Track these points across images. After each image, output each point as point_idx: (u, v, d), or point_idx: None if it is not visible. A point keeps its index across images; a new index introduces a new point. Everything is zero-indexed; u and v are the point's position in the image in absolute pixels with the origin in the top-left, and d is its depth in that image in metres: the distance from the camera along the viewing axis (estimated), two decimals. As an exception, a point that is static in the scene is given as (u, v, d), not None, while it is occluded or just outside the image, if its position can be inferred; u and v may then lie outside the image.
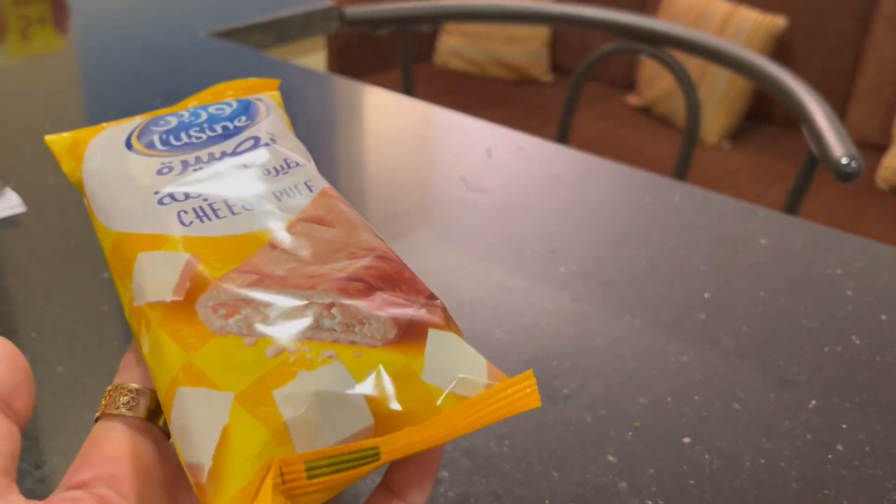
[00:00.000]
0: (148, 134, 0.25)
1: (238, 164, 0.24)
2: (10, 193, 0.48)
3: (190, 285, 0.21)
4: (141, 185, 0.24)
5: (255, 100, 0.28)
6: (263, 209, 0.23)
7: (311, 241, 0.22)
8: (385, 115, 0.63)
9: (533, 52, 2.33)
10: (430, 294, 0.22)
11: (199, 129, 0.26)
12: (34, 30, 0.85)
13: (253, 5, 0.88)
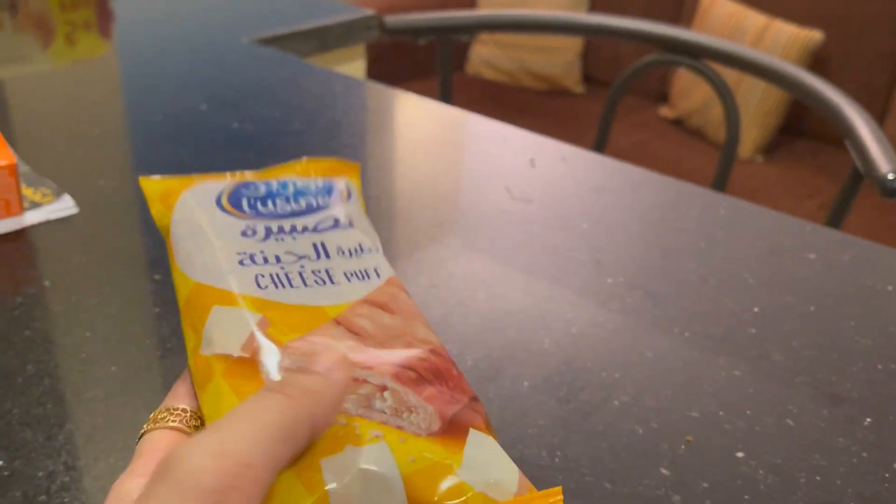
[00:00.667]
0: (238, 196, 0.27)
1: (317, 240, 0.26)
2: (65, 196, 0.49)
3: (258, 345, 0.22)
4: (225, 243, 0.25)
5: (339, 181, 0.29)
6: (334, 287, 0.25)
7: (372, 323, 0.24)
8: (427, 123, 0.63)
9: (565, 63, 2.32)
10: (474, 396, 0.23)
11: (285, 200, 0.28)
12: (79, 35, 0.86)
13: (295, 13, 0.88)
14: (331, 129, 0.61)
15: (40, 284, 0.42)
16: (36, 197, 0.48)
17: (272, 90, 0.67)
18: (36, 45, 0.81)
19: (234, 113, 0.63)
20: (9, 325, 0.39)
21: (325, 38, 0.87)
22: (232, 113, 0.63)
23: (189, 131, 0.59)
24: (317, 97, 0.66)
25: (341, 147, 0.58)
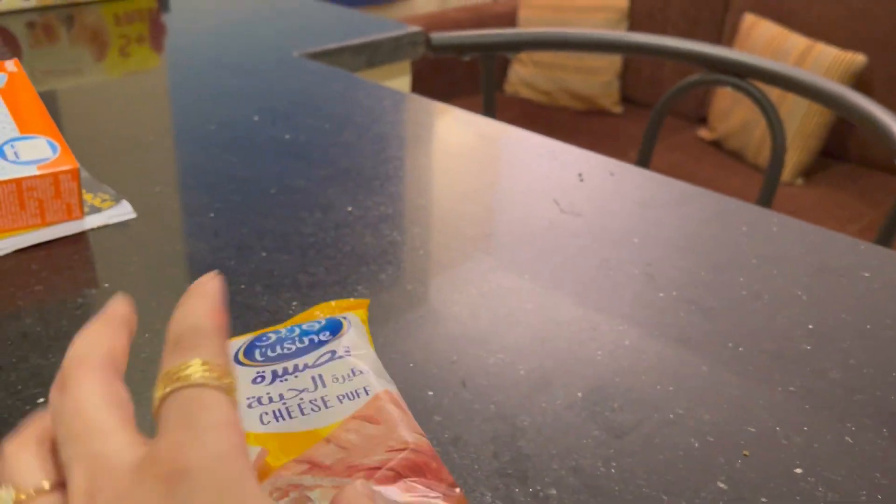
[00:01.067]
0: (251, 349, 0.33)
1: (315, 374, 0.31)
2: (124, 202, 0.50)
3: (256, 472, 0.26)
4: (241, 388, 0.30)
5: (342, 318, 0.35)
6: (328, 410, 0.29)
7: (358, 435, 0.28)
8: (473, 137, 0.63)
9: (603, 83, 2.32)
10: (452, 482, 0.27)
11: (291, 342, 0.33)
12: (132, 48, 0.88)
13: (344, 29, 0.89)
14: (379, 142, 0.61)
15: (100, 286, 0.43)
16: (95, 202, 0.49)
17: (323, 102, 0.68)
18: (91, 58, 0.83)
19: (286, 124, 0.63)
20: (70, 324, 0.39)
21: (374, 53, 0.88)
22: (283, 124, 0.63)
23: (242, 141, 0.60)
24: (366, 110, 0.67)
25: (389, 159, 0.58)
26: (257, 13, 0.95)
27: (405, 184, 0.55)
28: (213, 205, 0.51)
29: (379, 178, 0.56)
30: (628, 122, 2.34)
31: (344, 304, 0.37)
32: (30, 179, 0.45)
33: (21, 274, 0.43)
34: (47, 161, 0.46)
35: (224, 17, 0.93)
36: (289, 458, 0.27)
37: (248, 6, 0.98)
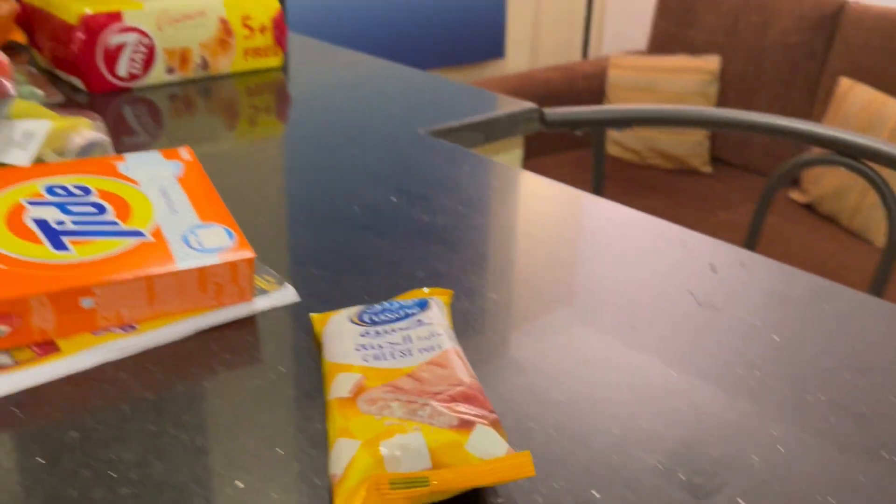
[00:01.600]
0: (361, 314, 0.46)
1: (406, 334, 0.44)
2: (288, 285, 0.53)
3: (357, 390, 0.39)
4: (350, 340, 0.44)
5: (429, 299, 0.47)
6: (411, 357, 0.42)
7: (430, 374, 0.40)
8: (605, 224, 0.65)
9: (693, 143, 2.32)
10: (491, 409, 0.38)
11: (390, 312, 0.46)
12: (260, 117, 0.93)
13: (462, 106, 0.93)
14: (511, 225, 0.64)
15: (276, 369, 0.46)
16: (262, 284, 0.53)
17: (454, 183, 0.71)
18: (223, 126, 0.88)
19: (423, 206, 0.67)
20: (255, 408, 0.43)
21: (491, 130, 0.91)
22: (421, 206, 0.67)
23: (386, 223, 0.63)
24: (496, 192, 0.70)
25: (524, 245, 0.61)
26: (376, 87, 0.99)
27: (542, 273, 0.57)
28: (367, 288, 0.54)
29: (516, 265, 0.58)
30: (718, 183, 2.32)
31: (433, 291, 0.50)
32: (212, 267, 0.48)
33: (203, 355, 0.47)
34: (226, 249, 0.49)
35: (346, 90, 0.98)
36: (379, 383, 0.40)
37: (366, 79, 1.03)
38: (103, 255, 0.47)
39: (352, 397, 0.39)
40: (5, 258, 0.46)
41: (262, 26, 1.02)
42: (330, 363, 0.43)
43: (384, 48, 2.34)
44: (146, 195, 0.53)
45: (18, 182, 0.52)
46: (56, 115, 0.69)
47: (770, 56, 2.23)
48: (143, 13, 0.92)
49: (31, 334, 0.45)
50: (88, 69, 0.90)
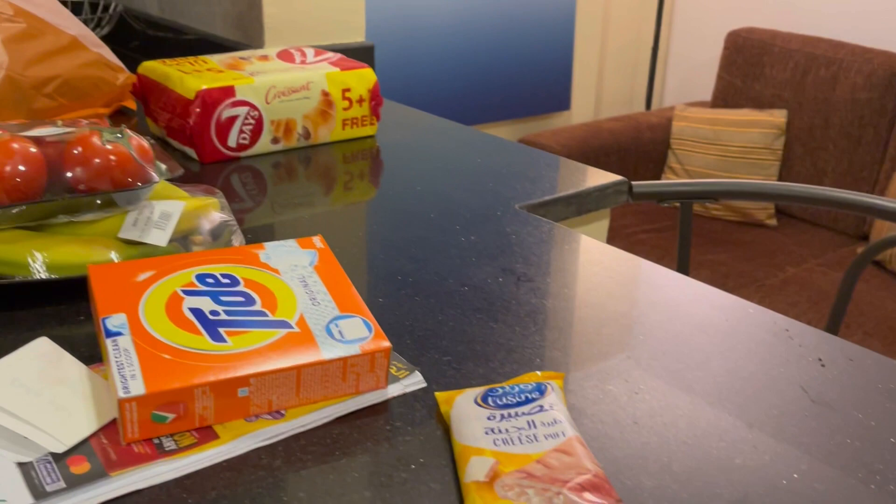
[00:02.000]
0: (486, 396, 0.50)
1: (529, 419, 0.48)
2: (416, 372, 0.56)
3: (492, 474, 0.43)
4: (477, 423, 0.48)
5: (546, 384, 0.51)
6: (537, 442, 0.46)
7: (558, 461, 0.44)
8: (710, 310, 0.67)
9: (759, 197, 2.32)
10: (617, 498, 0.42)
11: (512, 396, 0.50)
12: (354, 182, 0.97)
13: (553, 180, 0.96)
14: (618, 311, 0.66)
15: (417, 461, 0.48)
16: (392, 370, 0.56)
17: (560, 264, 0.74)
18: (322, 193, 0.92)
19: (530, 287, 0.69)
20: (403, 499, 0.45)
21: (582, 203, 0.94)
22: (527, 287, 0.69)
23: (498, 305, 0.66)
24: (601, 275, 0.72)
25: (634, 334, 0.63)
26: (468, 157, 1.03)
27: (652, 362, 0.59)
28: (489, 376, 0.57)
29: (626, 355, 0.60)
30: (783, 236, 2.31)
31: (546, 374, 0.54)
32: (353, 357, 0.52)
33: (347, 443, 0.50)
34: (366, 340, 0.53)
35: (437, 158, 1.02)
36: (513, 468, 0.44)
37: (457, 148, 1.06)
38: (256, 346, 0.51)
39: (488, 482, 0.43)
40: (171, 349, 0.49)
41: (360, 98, 1.06)
42: (462, 445, 0.47)
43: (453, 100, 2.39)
44: (288, 285, 0.57)
45: (173, 271, 0.56)
46: (186, 195, 0.74)
47: (838, 111, 2.23)
48: (253, 87, 0.97)
49: (193, 421, 0.49)
50: (202, 141, 0.95)
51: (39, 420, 0.47)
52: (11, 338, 0.59)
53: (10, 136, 0.65)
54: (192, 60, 1.04)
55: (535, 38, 2.51)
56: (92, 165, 0.65)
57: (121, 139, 0.67)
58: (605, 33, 2.80)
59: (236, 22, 1.34)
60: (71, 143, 0.66)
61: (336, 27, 1.35)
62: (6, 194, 0.62)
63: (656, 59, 2.76)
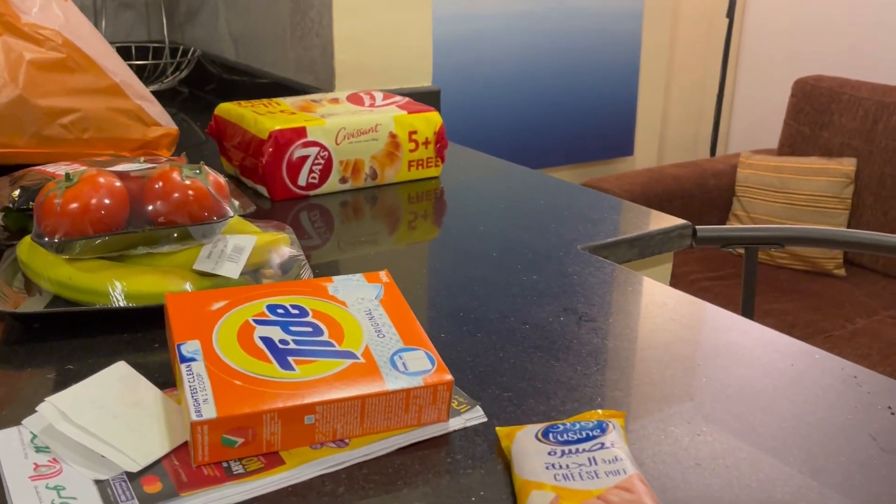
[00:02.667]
0: (547, 432, 0.50)
1: (590, 456, 0.48)
2: (477, 407, 0.57)
3: None
4: (538, 457, 0.48)
5: (607, 422, 0.51)
6: (598, 479, 0.46)
7: (619, 499, 0.44)
8: (774, 355, 0.66)
9: (827, 246, 2.27)
10: None
11: (573, 433, 0.50)
12: (418, 222, 0.99)
13: (616, 223, 0.96)
14: (680, 354, 0.66)
15: (478, 494, 0.49)
16: (453, 404, 0.57)
17: (622, 304, 0.74)
18: (387, 232, 0.94)
19: (591, 327, 0.70)
20: (463, 531, 0.46)
21: (645, 246, 0.94)
22: (588, 327, 0.70)
23: (559, 344, 0.66)
24: (662, 317, 0.72)
25: (697, 377, 0.63)
26: (531, 198, 1.04)
27: (715, 406, 0.59)
28: (549, 413, 0.57)
29: (688, 397, 0.60)
30: (852, 287, 2.26)
31: (607, 413, 0.54)
32: (416, 389, 0.53)
33: (409, 473, 0.51)
34: (428, 373, 0.53)
35: (500, 199, 1.03)
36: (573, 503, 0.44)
37: (519, 189, 1.07)
38: (323, 375, 0.52)
39: None
40: (241, 375, 0.51)
41: (426, 140, 1.09)
42: (522, 479, 0.47)
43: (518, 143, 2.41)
44: (354, 317, 0.58)
45: (245, 301, 0.58)
46: (257, 230, 0.77)
47: (910, 160, 2.18)
48: (324, 129, 1.00)
49: (260, 446, 0.50)
50: (274, 179, 0.98)
51: (116, 440, 0.49)
52: (91, 362, 0.62)
53: (97, 170, 0.68)
54: (265, 102, 1.08)
55: (600, 84, 2.52)
56: (171, 200, 0.68)
57: (199, 175, 0.70)
58: (669, 79, 2.80)
59: (309, 67, 1.39)
60: (152, 178, 0.69)
61: (404, 72, 1.39)
62: (91, 226, 0.65)
63: (721, 106, 2.75)
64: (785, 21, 2.80)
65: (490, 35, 2.30)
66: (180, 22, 1.84)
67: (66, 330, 0.67)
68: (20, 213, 0.80)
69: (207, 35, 1.73)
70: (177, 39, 1.87)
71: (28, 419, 0.51)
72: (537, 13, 2.37)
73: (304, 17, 1.36)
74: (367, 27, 1.33)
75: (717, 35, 2.88)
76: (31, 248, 0.69)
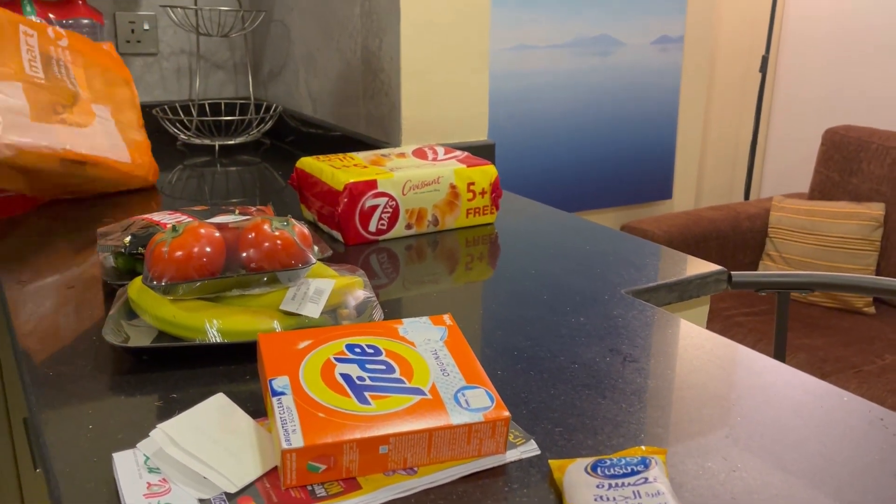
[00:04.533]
0: (595, 466, 0.51)
1: (635, 489, 0.49)
2: (532, 441, 0.58)
3: None
4: (587, 490, 0.49)
5: (650, 458, 0.52)
6: None
7: None
8: (805, 396, 0.66)
9: (857, 285, 2.22)
10: None
11: (619, 467, 0.51)
12: (475, 264, 1.01)
13: (655, 268, 0.97)
14: (717, 395, 0.66)
15: (532, 520, 0.50)
16: (510, 437, 0.58)
17: (663, 347, 0.75)
18: (446, 272, 0.96)
19: (636, 367, 0.71)
20: (520, 555, 0.47)
21: (684, 290, 0.94)
22: (633, 367, 0.71)
23: (606, 383, 0.68)
24: (702, 359, 0.73)
25: (733, 418, 0.63)
26: (577, 244, 1.05)
27: (750, 444, 0.59)
28: (597, 447, 0.58)
29: (724, 437, 0.60)
30: (882, 324, 2.20)
31: (650, 449, 0.55)
32: (477, 424, 0.54)
33: (471, 500, 0.52)
34: (488, 410, 0.55)
35: (549, 245, 1.05)
36: None
37: (566, 235, 1.09)
38: (395, 410, 0.54)
39: None
40: (325, 409, 0.54)
41: (483, 190, 1.11)
42: None
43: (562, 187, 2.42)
44: (422, 356, 0.60)
45: (327, 341, 0.61)
46: (335, 273, 0.80)
47: (937, 205, 2.13)
48: (392, 181, 1.03)
49: (340, 472, 0.52)
50: (348, 226, 1.02)
51: (216, 463, 0.52)
52: (192, 391, 0.65)
53: (199, 222, 0.72)
54: (341, 157, 1.12)
55: (641, 133, 2.53)
56: (262, 248, 0.71)
57: (286, 227, 0.73)
58: (705, 128, 2.79)
59: (378, 122, 1.43)
60: (246, 229, 0.73)
61: (463, 127, 1.42)
62: (195, 271, 0.69)
63: (755, 153, 2.72)
64: (815, 74, 2.77)
65: (540, 89, 2.33)
66: (264, 81, 1.92)
67: (170, 362, 0.70)
68: (130, 256, 0.85)
69: (288, 93, 1.79)
70: (261, 96, 1.94)
71: (142, 443, 0.54)
72: (583, 69, 2.40)
73: (375, 79, 1.41)
74: (431, 87, 1.36)
75: (751, 88, 2.87)
76: (140, 290, 0.73)
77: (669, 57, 2.53)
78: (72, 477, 0.53)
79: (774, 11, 2.63)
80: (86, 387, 0.66)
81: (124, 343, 0.69)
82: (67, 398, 0.64)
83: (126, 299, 0.75)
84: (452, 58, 1.37)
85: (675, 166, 2.66)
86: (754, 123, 2.71)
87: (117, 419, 0.61)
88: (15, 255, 0.99)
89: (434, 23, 1.33)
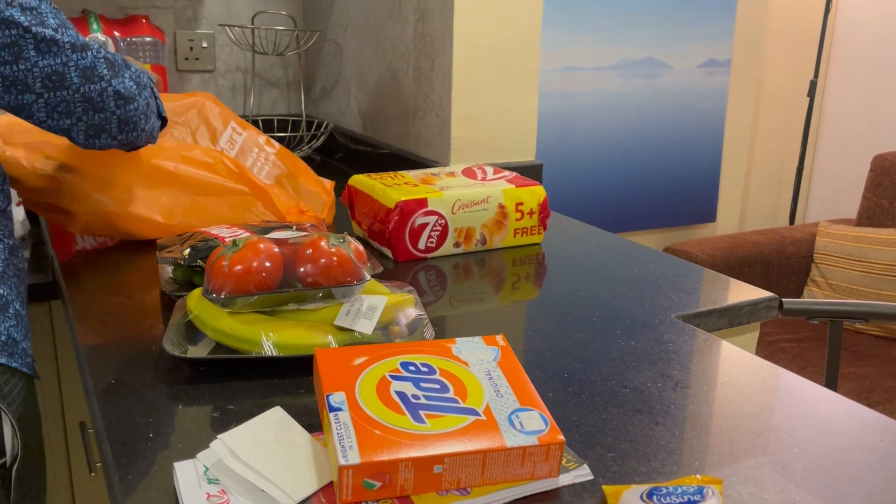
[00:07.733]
0: (651, 496, 0.50)
1: None
2: (585, 465, 0.57)
3: None
4: None
5: (706, 487, 0.50)
6: None
7: None
8: (857, 426, 0.64)
9: (905, 314, 2.16)
10: None
11: (675, 497, 0.50)
12: (521, 283, 1.00)
13: (708, 293, 0.96)
14: (769, 425, 0.65)
15: (587, 546, 0.49)
16: (563, 461, 0.57)
17: (714, 372, 0.73)
18: (492, 289, 0.96)
19: (685, 393, 0.69)
20: (575, 581, 0.46)
21: (734, 316, 0.92)
22: (684, 392, 0.69)
23: (658, 409, 0.67)
24: (753, 388, 0.71)
25: (788, 448, 0.61)
26: (626, 266, 1.04)
27: (809, 477, 0.58)
28: (650, 474, 0.57)
29: (787, 467, 0.59)
30: (932, 355, 2.13)
31: (706, 479, 0.53)
32: (531, 447, 0.54)
33: (523, 523, 0.52)
34: (542, 433, 0.55)
35: (597, 267, 1.04)
36: None
37: (614, 257, 1.08)
38: (450, 430, 0.54)
39: None
40: (381, 426, 0.54)
41: (531, 210, 1.11)
42: None
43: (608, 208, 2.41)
44: (476, 377, 0.60)
45: (382, 358, 0.61)
46: (387, 290, 0.80)
47: None
48: (442, 200, 1.04)
49: (395, 490, 0.52)
50: (398, 243, 1.02)
51: (275, 477, 0.52)
52: (248, 403, 0.66)
53: (258, 238, 0.73)
54: (392, 175, 1.13)
55: (686, 155, 2.50)
56: (319, 264, 0.72)
57: (342, 244, 0.73)
58: (751, 152, 2.75)
59: (427, 142, 1.44)
60: (304, 245, 0.73)
61: (512, 147, 1.42)
62: (253, 285, 0.69)
63: (801, 177, 2.67)
64: (863, 99, 2.72)
65: (586, 110, 2.32)
66: (316, 98, 1.94)
67: (226, 373, 0.71)
68: (189, 268, 0.86)
69: (339, 110, 1.81)
70: (312, 114, 1.97)
71: (202, 453, 0.55)
72: (629, 91, 2.38)
73: (426, 100, 1.42)
74: (481, 108, 1.37)
75: (798, 112, 2.82)
76: (199, 301, 0.74)
77: (716, 80, 2.50)
78: (133, 484, 0.54)
79: (824, 36, 2.59)
80: (146, 395, 0.66)
81: (183, 354, 0.70)
82: (130, 406, 0.65)
83: (185, 310, 0.76)
84: (503, 79, 1.37)
85: (719, 189, 2.62)
86: (801, 147, 2.66)
87: (176, 428, 0.61)
88: (78, 264, 1.01)
89: (486, 45, 1.34)
